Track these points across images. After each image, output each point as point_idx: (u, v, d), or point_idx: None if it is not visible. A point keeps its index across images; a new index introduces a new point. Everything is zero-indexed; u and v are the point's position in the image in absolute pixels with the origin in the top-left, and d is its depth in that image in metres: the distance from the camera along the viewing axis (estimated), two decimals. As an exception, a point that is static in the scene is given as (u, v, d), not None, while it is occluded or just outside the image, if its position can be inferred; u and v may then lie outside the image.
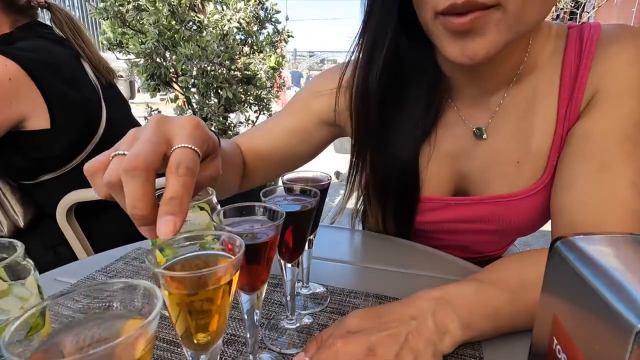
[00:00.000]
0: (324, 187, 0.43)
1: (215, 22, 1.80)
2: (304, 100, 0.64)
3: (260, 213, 0.34)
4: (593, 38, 0.49)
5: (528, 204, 0.54)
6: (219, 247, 0.29)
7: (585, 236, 0.30)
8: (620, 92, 0.46)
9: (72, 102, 0.90)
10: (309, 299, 0.50)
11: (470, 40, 0.40)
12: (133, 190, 0.27)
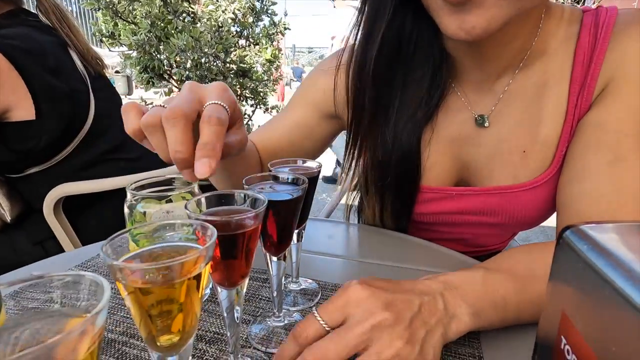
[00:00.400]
0: (313, 175, 0.40)
1: (210, 13, 1.76)
2: (303, 95, 0.63)
3: (241, 201, 0.31)
4: (609, 23, 0.46)
5: (534, 195, 0.51)
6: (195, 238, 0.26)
7: (597, 224, 0.27)
8: (637, 80, 0.43)
9: (58, 91, 0.87)
10: (299, 294, 0.47)
11: (467, 12, 0.38)
12: (175, 135, 0.31)
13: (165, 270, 0.20)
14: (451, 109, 0.54)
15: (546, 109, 0.49)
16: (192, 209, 0.28)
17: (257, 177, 0.38)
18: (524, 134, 0.50)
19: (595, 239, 0.25)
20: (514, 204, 0.52)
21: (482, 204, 0.54)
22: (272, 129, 0.63)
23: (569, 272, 0.25)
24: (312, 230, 0.68)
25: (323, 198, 3.48)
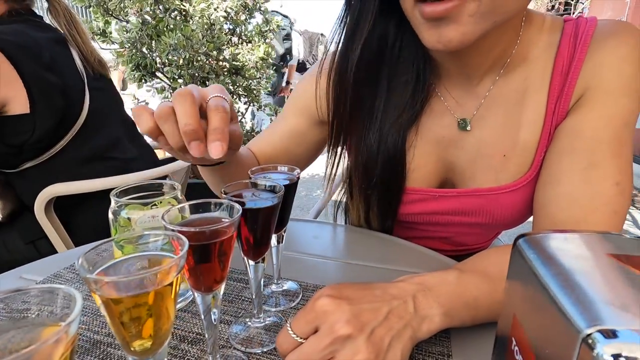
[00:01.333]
0: (290, 182, 0.42)
1: (201, 11, 1.75)
2: (293, 102, 0.65)
3: (217, 209, 0.33)
4: (588, 33, 0.48)
5: (513, 198, 0.53)
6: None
7: (551, 234, 0.29)
8: (613, 90, 0.45)
9: (52, 85, 0.89)
10: (281, 295, 0.49)
11: (445, 27, 0.40)
12: (184, 110, 0.35)
13: (137, 282, 0.21)
14: (435, 112, 0.56)
15: (526, 115, 0.51)
16: (169, 219, 0.30)
17: (237, 185, 0.39)
18: (505, 139, 0.52)
19: (544, 248, 0.27)
20: (495, 205, 0.54)
21: (464, 205, 0.56)
22: (268, 138, 0.65)
23: (520, 278, 0.27)
24: (297, 231, 0.69)
25: (317, 195, 3.50)
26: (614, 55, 0.45)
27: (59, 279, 0.52)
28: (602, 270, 0.23)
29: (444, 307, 0.37)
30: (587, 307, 0.20)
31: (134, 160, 1.08)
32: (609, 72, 0.45)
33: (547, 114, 0.50)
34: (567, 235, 0.28)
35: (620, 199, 0.44)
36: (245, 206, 0.33)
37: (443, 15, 0.39)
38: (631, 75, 0.45)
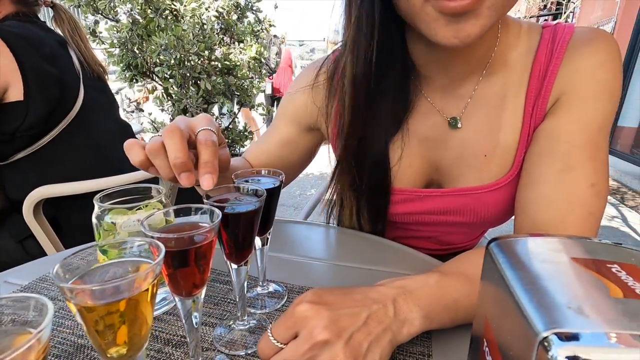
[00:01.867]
0: (274, 186, 0.42)
1: (192, 10, 1.75)
2: (284, 113, 0.68)
3: (198, 214, 0.33)
4: (565, 39, 0.49)
5: (495, 196, 0.55)
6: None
7: (521, 238, 0.30)
8: (588, 95, 0.47)
9: (47, 75, 0.91)
10: (266, 297, 0.49)
11: (464, 22, 0.40)
12: (173, 144, 0.37)
13: (113, 289, 0.22)
14: (421, 113, 0.57)
15: (505, 117, 0.53)
16: (153, 224, 0.30)
17: (220, 189, 0.39)
18: (486, 140, 0.54)
19: (514, 252, 0.28)
20: (478, 204, 0.56)
21: (449, 205, 0.58)
22: (263, 147, 0.68)
23: (490, 281, 0.28)
24: (283, 232, 0.70)
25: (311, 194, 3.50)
26: (589, 62, 0.47)
27: (45, 283, 0.52)
28: (565, 274, 0.23)
29: (424, 310, 0.38)
30: (547, 311, 0.21)
31: (126, 159, 1.08)
32: (583, 78, 0.47)
33: (525, 117, 0.51)
34: (537, 239, 0.29)
35: (595, 201, 0.45)
36: (226, 211, 0.34)
37: (468, 9, 0.39)
38: (606, 80, 0.46)
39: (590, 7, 5.37)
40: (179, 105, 1.85)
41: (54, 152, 0.95)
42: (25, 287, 0.51)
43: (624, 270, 0.23)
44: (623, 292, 0.21)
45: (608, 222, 2.84)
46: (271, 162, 0.67)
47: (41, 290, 0.50)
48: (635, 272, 0.23)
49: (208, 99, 1.96)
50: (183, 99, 1.83)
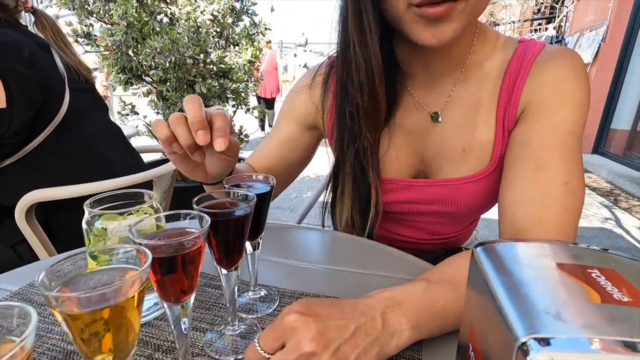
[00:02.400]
0: (265, 191, 0.42)
1: (187, 14, 1.75)
2: (285, 113, 0.72)
3: (188, 220, 0.33)
4: (533, 53, 0.55)
5: (474, 188, 0.59)
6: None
7: (505, 243, 0.30)
8: (552, 104, 0.52)
9: (30, 80, 0.89)
10: (258, 302, 0.49)
11: (440, 25, 0.46)
12: (192, 107, 0.42)
13: (98, 297, 0.22)
14: (406, 108, 0.62)
15: (481, 118, 0.58)
16: (144, 229, 0.30)
17: (210, 195, 0.39)
18: (463, 135, 0.59)
19: (498, 257, 0.28)
20: (458, 194, 0.60)
21: (432, 194, 0.62)
22: (265, 148, 0.72)
23: (477, 285, 0.28)
24: (275, 236, 0.70)
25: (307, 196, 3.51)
26: (552, 76, 0.52)
27: (34, 289, 0.52)
28: (546, 280, 0.24)
29: (413, 320, 0.38)
30: (527, 316, 0.21)
31: (117, 162, 1.08)
32: (547, 90, 0.52)
33: (497, 120, 0.57)
34: (521, 244, 0.29)
35: (570, 197, 0.48)
36: (215, 217, 0.34)
37: (443, 14, 0.45)
38: (569, 91, 0.51)
39: (583, 11, 5.43)
40: (174, 108, 1.85)
41: (43, 157, 0.94)
42: (15, 293, 0.51)
43: (603, 276, 0.23)
44: (601, 298, 0.21)
45: (602, 224, 2.86)
46: (274, 161, 0.70)
47: (31, 296, 0.50)
48: (614, 277, 0.23)
49: (203, 102, 1.96)
50: (178, 102, 1.83)
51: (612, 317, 0.20)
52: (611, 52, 4.70)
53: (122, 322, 0.23)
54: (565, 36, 5.87)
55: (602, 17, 4.83)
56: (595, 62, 4.85)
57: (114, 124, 1.18)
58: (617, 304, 0.20)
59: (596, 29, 4.90)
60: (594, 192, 3.68)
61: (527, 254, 0.28)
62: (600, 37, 4.74)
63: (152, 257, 0.25)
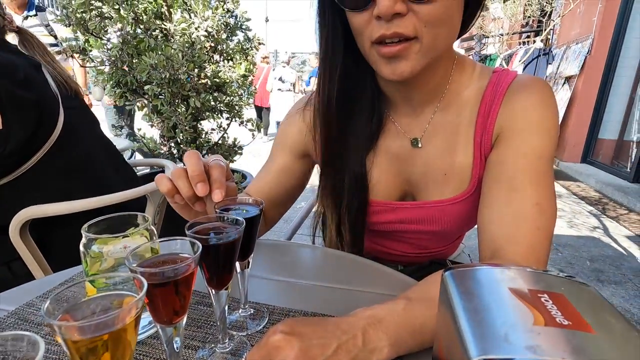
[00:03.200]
0: (254, 215, 0.45)
1: (182, 30, 1.79)
2: (279, 143, 0.75)
3: (178, 247, 0.36)
4: (506, 82, 0.59)
5: (456, 209, 0.63)
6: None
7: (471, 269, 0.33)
8: (523, 130, 0.56)
9: (25, 101, 0.91)
10: (248, 319, 0.51)
11: (397, 63, 0.51)
12: (192, 162, 0.46)
13: (98, 324, 0.24)
14: (389, 135, 0.67)
15: (460, 143, 0.62)
16: (133, 259, 0.32)
17: (201, 220, 0.42)
18: (444, 160, 0.63)
19: (463, 281, 0.31)
20: (441, 215, 0.64)
21: (418, 215, 0.66)
22: (264, 178, 0.75)
23: (444, 306, 0.31)
24: (265, 254, 0.72)
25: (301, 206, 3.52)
26: (523, 104, 0.56)
27: (32, 308, 0.53)
28: (501, 303, 0.27)
29: (392, 338, 0.41)
30: (481, 338, 0.24)
31: (111, 177, 1.10)
32: (518, 117, 0.56)
33: (475, 145, 0.61)
34: (484, 269, 0.32)
35: (541, 217, 0.51)
36: (207, 242, 0.36)
37: (397, 54, 0.50)
38: (539, 119, 0.55)
39: (569, 25, 5.59)
40: (168, 122, 1.88)
41: (38, 176, 0.95)
42: (12, 313, 0.52)
43: (551, 300, 0.26)
44: (545, 321, 0.24)
45: (590, 232, 2.91)
46: (275, 189, 0.73)
47: (28, 316, 0.52)
48: (561, 300, 0.26)
49: (197, 116, 1.99)
50: (172, 116, 1.85)
51: (550, 339, 0.22)
52: (597, 64, 4.83)
53: (120, 343, 0.26)
54: (553, 48, 6.02)
55: (587, 30, 4.98)
56: (582, 73, 4.99)
57: (107, 138, 1.19)
58: (558, 327, 0.23)
59: (582, 41, 5.05)
60: (582, 201, 3.75)
61: (488, 279, 0.31)
62: (586, 50, 4.88)
63: (147, 284, 0.27)
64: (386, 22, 0.48)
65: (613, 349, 0.22)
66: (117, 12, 1.71)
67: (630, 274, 2.28)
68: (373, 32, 0.50)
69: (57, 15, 1.72)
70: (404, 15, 0.48)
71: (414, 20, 0.48)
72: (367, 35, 0.51)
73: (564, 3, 5.40)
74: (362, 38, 0.53)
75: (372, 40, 0.51)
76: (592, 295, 0.27)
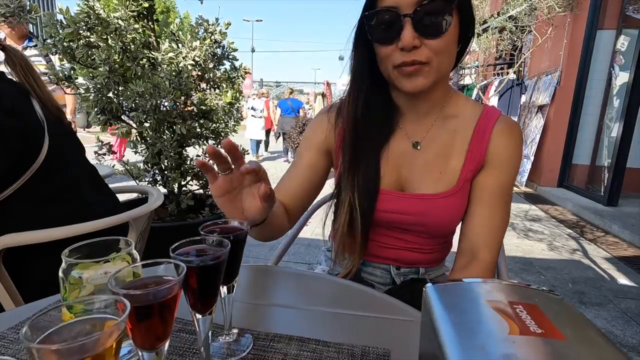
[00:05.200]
0: (239, 237, 0.45)
1: (170, 59, 1.82)
2: (306, 142, 0.86)
3: (162, 271, 0.35)
4: (494, 118, 0.76)
5: (445, 203, 0.75)
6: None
7: (452, 283, 0.34)
8: (503, 163, 0.74)
9: (9, 129, 0.90)
10: (232, 345, 0.50)
11: (414, 78, 0.67)
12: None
13: (78, 348, 0.24)
14: (397, 138, 0.80)
15: (454, 150, 0.76)
16: (115, 282, 0.32)
17: (186, 242, 0.42)
18: (440, 162, 0.77)
19: (444, 295, 0.32)
20: (433, 207, 0.75)
21: (412, 206, 0.76)
22: (292, 175, 0.83)
23: (426, 321, 0.31)
24: (250, 278, 0.71)
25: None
26: (505, 144, 0.74)
27: (3, 341, 0.51)
28: (479, 315, 0.28)
29: None
30: (461, 348, 0.25)
31: (94, 204, 1.08)
32: (501, 151, 0.74)
33: (467, 154, 0.75)
34: (463, 284, 0.33)
35: (503, 227, 0.73)
36: (190, 264, 0.36)
37: (413, 72, 0.66)
38: (514, 157, 0.74)
39: (539, 58, 5.97)
40: (153, 148, 1.87)
41: (18, 203, 0.93)
42: (-20, 346, 0.50)
43: (525, 310, 0.27)
44: (520, 330, 0.25)
45: (570, 255, 2.98)
46: (302, 185, 0.81)
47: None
48: (534, 311, 0.27)
49: (182, 142, 1.99)
50: (157, 142, 1.85)
51: (526, 347, 0.23)
52: (566, 94, 5.13)
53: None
54: (525, 79, 6.38)
55: (556, 63, 5.32)
56: (553, 103, 5.27)
57: (91, 165, 1.18)
58: (532, 335, 0.24)
59: (551, 73, 5.38)
60: (561, 224, 3.85)
61: (467, 293, 0.32)
62: (556, 82, 5.19)
63: (130, 306, 0.27)
64: (407, 52, 0.64)
65: (582, 355, 0.23)
66: (104, 42, 1.74)
67: (610, 296, 2.33)
68: (396, 59, 0.66)
69: (44, 44, 1.74)
70: (419, 47, 0.64)
71: (426, 51, 0.64)
72: (391, 62, 0.67)
73: (533, 38, 5.79)
74: (387, 64, 0.68)
75: (395, 65, 0.67)
76: (563, 305, 0.28)
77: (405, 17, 0.63)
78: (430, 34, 0.64)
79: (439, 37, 0.64)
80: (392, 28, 0.65)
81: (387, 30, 0.66)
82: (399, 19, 0.63)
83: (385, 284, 0.86)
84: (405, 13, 0.63)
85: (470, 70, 7.69)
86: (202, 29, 2.05)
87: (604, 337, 0.24)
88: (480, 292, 0.31)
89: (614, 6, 4.80)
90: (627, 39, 4.50)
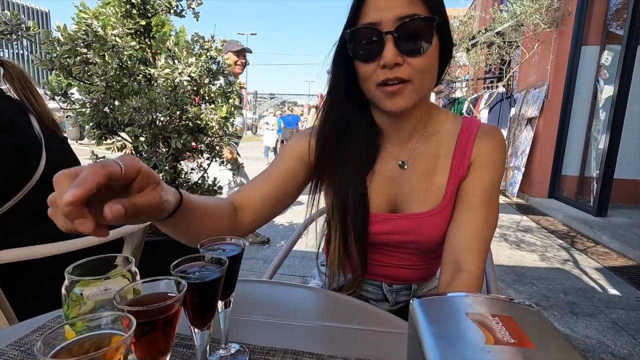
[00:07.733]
0: (236, 253, 0.47)
1: (166, 75, 1.85)
2: (287, 150, 0.83)
3: (162, 287, 0.37)
4: (475, 127, 0.77)
5: (433, 220, 0.75)
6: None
7: (436, 297, 0.37)
8: (485, 167, 0.75)
9: (7, 146, 0.91)
10: (229, 359, 0.52)
11: (396, 98, 0.67)
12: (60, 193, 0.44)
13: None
14: (382, 159, 0.79)
15: (438, 167, 0.77)
16: (120, 298, 0.34)
17: (185, 259, 0.44)
18: (425, 181, 0.77)
19: (428, 309, 0.34)
20: (422, 225, 0.76)
21: (403, 226, 0.77)
22: (266, 178, 0.78)
23: (412, 333, 0.34)
24: (247, 293, 0.73)
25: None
26: (486, 147, 0.75)
27: (2, 357, 0.51)
28: (459, 327, 0.30)
29: None
30: (440, 357, 0.27)
31: None
32: (484, 156, 0.75)
33: (451, 169, 0.76)
34: (446, 298, 0.36)
35: (487, 230, 0.71)
36: (190, 280, 0.38)
37: (396, 91, 0.66)
38: (496, 159, 0.75)
39: (527, 72, 6.14)
40: (148, 163, 1.88)
41: (13, 219, 0.94)
42: (-21, 363, 0.50)
43: (501, 322, 0.30)
44: (495, 340, 0.27)
45: (561, 265, 3.02)
46: (276, 187, 0.77)
47: (-3, 365, 0.50)
48: (509, 322, 0.30)
49: (177, 156, 2.00)
50: (153, 156, 1.86)
51: (499, 355, 0.26)
52: (554, 107, 5.27)
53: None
54: (514, 93, 6.54)
55: (543, 77, 5.47)
56: (541, 115, 5.40)
57: None
58: (505, 345, 0.27)
59: (539, 87, 5.52)
60: (552, 235, 3.90)
61: (449, 306, 0.34)
62: (544, 95, 5.33)
63: (135, 322, 0.29)
64: (389, 70, 0.64)
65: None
66: (102, 58, 1.77)
67: (601, 306, 2.36)
68: (379, 77, 0.66)
69: (41, 60, 1.76)
70: (401, 65, 0.64)
71: (408, 69, 0.65)
72: (374, 80, 0.67)
73: (521, 53, 5.96)
74: (369, 82, 0.68)
75: (377, 83, 0.67)
76: (536, 316, 0.31)
77: (387, 35, 0.63)
78: (411, 52, 0.64)
79: (420, 55, 0.64)
80: (374, 45, 0.64)
81: (369, 48, 0.65)
82: (381, 35, 0.63)
83: (378, 300, 0.87)
84: (387, 30, 0.63)
85: (461, 83, 7.86)
86: (197, 46, 2.10)
87: (570, 345, 0.27)
88: (462, 305, 0.33)
89: (597, 23, 4.98)
90: (611, 54, 4.66)
